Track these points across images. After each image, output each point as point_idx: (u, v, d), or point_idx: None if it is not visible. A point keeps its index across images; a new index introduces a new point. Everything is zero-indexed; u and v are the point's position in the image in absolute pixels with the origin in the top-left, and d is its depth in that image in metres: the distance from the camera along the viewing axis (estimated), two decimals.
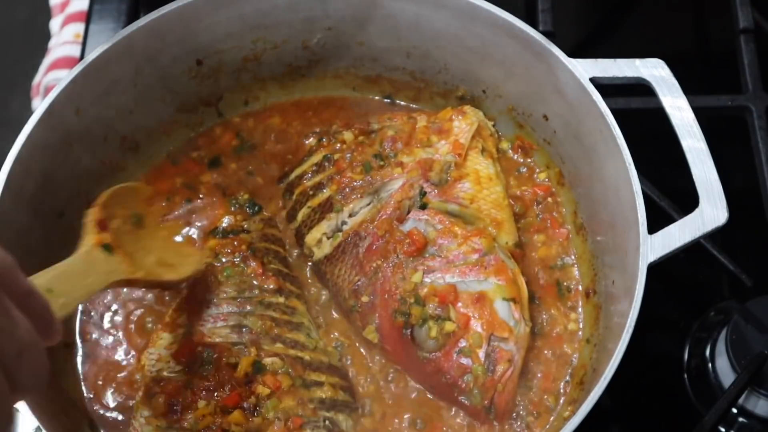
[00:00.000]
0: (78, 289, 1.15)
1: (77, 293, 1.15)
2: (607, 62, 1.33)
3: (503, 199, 1.43)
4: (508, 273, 1.32)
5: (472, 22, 1.40)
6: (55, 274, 1.13)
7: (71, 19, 1.96)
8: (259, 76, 1.54)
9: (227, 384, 1.25)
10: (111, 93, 1.40)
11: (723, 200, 1.24)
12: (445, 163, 1.42)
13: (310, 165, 1.47)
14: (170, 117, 1.51)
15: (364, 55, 1.54)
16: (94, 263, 1.20)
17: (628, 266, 1.23)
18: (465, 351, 1.28)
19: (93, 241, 1.22)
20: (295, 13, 1.46)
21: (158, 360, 1.29)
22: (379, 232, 1.37)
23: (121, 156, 1.47)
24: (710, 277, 1.54)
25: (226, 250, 1.40)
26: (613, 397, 1.20)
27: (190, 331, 1.31)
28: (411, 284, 1.32)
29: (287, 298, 1.37)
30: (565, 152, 1.43)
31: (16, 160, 1.26)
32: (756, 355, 1.33)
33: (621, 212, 1.27)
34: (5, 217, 1.25)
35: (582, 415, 1.11)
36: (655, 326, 1.45)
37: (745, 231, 1.48)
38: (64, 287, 1.12)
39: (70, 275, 1.15)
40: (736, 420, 1.38)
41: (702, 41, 1.87)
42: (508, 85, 1.47)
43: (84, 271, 1.18)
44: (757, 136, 1.56)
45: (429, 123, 1.48)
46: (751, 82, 1.62)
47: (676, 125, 1.29)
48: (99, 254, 1.22)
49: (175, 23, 1.39)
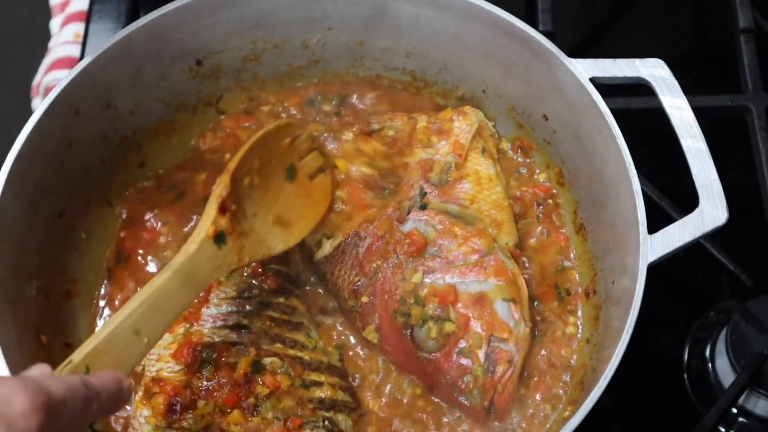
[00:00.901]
0: (165, 318, 1.11)
1: (164, 323, 1.11)
2: (607, 62, 1.33)
3: (503, 200, 1.43)
4: (508, 273, 1.32)
5: (472, 22, 1.40)
6: (145, 308, 1.09)
7: (71, 19, 1.96)
8: (259, 76, 1.54)
9: (226, 384, 1.25)
10: (111, 93, 1.40)
11: (723, 200, 1.24)
12: (445, 163, 1.42)
13: None
14: (170, 117, 1.51)
15: (364, 55, 1.54)
16: (194, 271, 1.16)
17: (628, 266, 1.23)
18: (465, 351, 1.28)
19: (209, 231, 1.19)
20: (295, 13, 1.46)
21: (158, 360, 1.29)
22: (379, 233, 1.37)
23: (122, 156, 1.47)
24: (710, 277, 1.54)
25: None
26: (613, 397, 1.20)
27: (189, 331, 1.31)
28: (411, 285, 1.32)
29: (287, 298, 1.37)
30: (565, 152, 1.43)
31: (16, 160, 1.26)
32: (756, 355, 1.33)
33: (621, 212, 1.27)
34: (5, 217, 1.25)
35: (582, 415, 1.11)
36: (655, 326, 1.45)
37: (745, 231, 1.48)
38: (151, 322, 1.10)
39: (158, 304, 1.11)
40: (736, 420, 1.38)
41: (702, 41, 1.87)
42: (508, 85, 1.47)
43: (178, 287, 1.14)
44: (757, 136, 1.56)
45: (429, 123, 1.48)
46: (751, 82, 1.62)
47: (676, 125, 1.29)
48: (208, 250, 1.18)
49: (175, 23, 1.39)
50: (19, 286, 1.27)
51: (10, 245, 1.27)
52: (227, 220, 1.22)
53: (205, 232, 1.20)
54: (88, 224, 1.44)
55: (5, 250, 1.25)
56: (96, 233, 1.45)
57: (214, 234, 1.21)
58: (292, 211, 1.33)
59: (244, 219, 1.24)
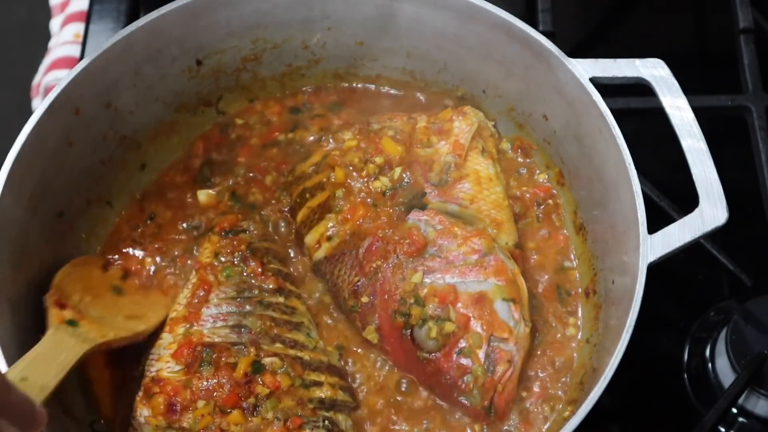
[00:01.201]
0: (52, 370, 1.19)
1: (53, 373, 1.18)
2: (607, 62, 1.33)
3: (503, 200, 1.43)
4: (507, 273, 1.32)
5: (472, 22, 1.40)
6: (27, 363, 1.17)
7: (71, 19, 1.96)
8: (259, 76, 1.54)
9: (226, 384, 1.25)
10: (111, 93, 1.40)
11: (723, 200, 1.24)
12: (445, 163, 1.42)
13: (309, 165, 1.47)
14: (170, 117, 1.51)
15: (364, 55, 1.54)
16: (62, 340, 1.23)
17: (628, 266, 1.23)
18: (465, 351, 1.28)
19: (56, 320, 1.26)
20: (295, 13, 1.46)
21: (158, 360, 1.29)
22: (379, 233, 1.37)
23: (122, 156, 1.47)
24: (710, 277, 1.54)
25: (226, 250, 1.40)
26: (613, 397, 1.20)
27: (189, 331, 1.31)
28: (411, 285, 1.32)
29: (287, 298, 1.37)
30: (565, 152, 1.43)
31: (16, 160, 1.26)
32: (756, 355, 1.33)
33: (621, 212, 1.27)
34: (5, 217, 1.25)
35: (582, 415, 1.11)
36: (655, 326, 1.45)
37: (745, 231, 1.48)
38: (38, 372, 1.16)
39: (42, 360, 1.19)
40: (736, 420, 1.38)
41: (702, 41, 1.87)
42: (508, 85, 1.47)
43: (54, 350, 1.22)
44: (757, 136, 1.56)
45: (429, 123, 1.48)
46: (751, 82, 1.62)
47: (676, 125, 1.29)
48: (65, 330, 1.25)
49: (175, 23, 1.39)
50: (19, 286, 1.27)
51: (10, 245, 1.27)
52: (71, 312, 1.28)
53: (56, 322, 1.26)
54: (88, 224, 1.44)
55: (5, 250, 1.26)
56: (96, 233, 1.45)
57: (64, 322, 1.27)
58: (138, 309, 1.37)
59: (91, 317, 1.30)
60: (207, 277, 1.36)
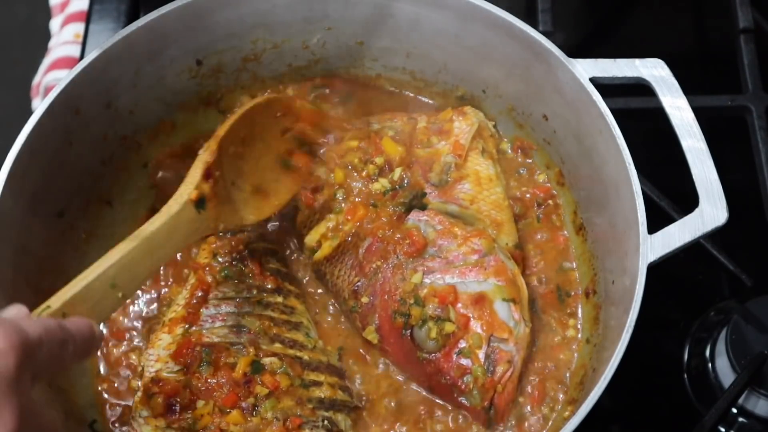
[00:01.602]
0: (141, 274, 1.14)
1: (139, 279, 1.14)
2: (607, 62, 1.33)
3: (503, 200, 1.43)
4: (507, 274, 1.32)
5: (472, 22, 1.40)
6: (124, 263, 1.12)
7: (71, 19, 1.96)
8: (259, 76, 1.54)
9: (226, 384, 1.25)
10: (111, 93, 1.40)
11: (723, 200, 1.24)
12: (445, 163, 1.42)
13: None
14: (170, 117, 1.51)
15: (364, 55, 1.54)
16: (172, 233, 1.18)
17: (628, 266, 1.23)
18: (465, 352, 1.28)
19: (192, 195, 1.21)
20: (295, 13, 1.46)
21: (157, 360, 1.29)
22: (379, 233, 1.37)
23: (122, 156, 1.47)
24: (710, 277, 1.54)
25: (224, 250, 1.40)
26: (613, 397, 1.20)
27: (188, 331, 1.31)
28: (411, 285, 1.32)
29: (286, 298, 1.37)
30: (565, 152, 1.43)
31: (16, 160, 1.26)
32: (756, 355, 1.33)
33: (621, 212, 1.27)
34: (5, 217, 1.25)
35: (582, 415, 1.11)
36: (655, 326, 1.44)
37: (745, 231, 1.48)
38: (128, 276, 1.12)
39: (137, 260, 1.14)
40: (736, 420, 1.38)
41: (702, 41, 1.87)
42: (508, 85, 1.47)
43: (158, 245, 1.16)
44: (757, 136, 1.56)
45: (429, 123, 1.48)
46: (751, 82, 1.62)
47: (676, 125, 1.29)
48: (188, 214, 1.20)
49: (175, 23, 1.39)
50: (19, 286, 1.27)
51: (10, 245, 1.27)
52: (210, 186, 1.24)
53: (188, 195, 1.22)
54: (88, 224, 1.44)
55: (5, 250, 1.26)
56: (96, 233, 1.45)
57: (197, 198, 1.23)
58: (267, 184, 1.35)
59: (224, 186, 1.27)
60: (205, 278, 1.36)
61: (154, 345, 1.32)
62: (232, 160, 1.28)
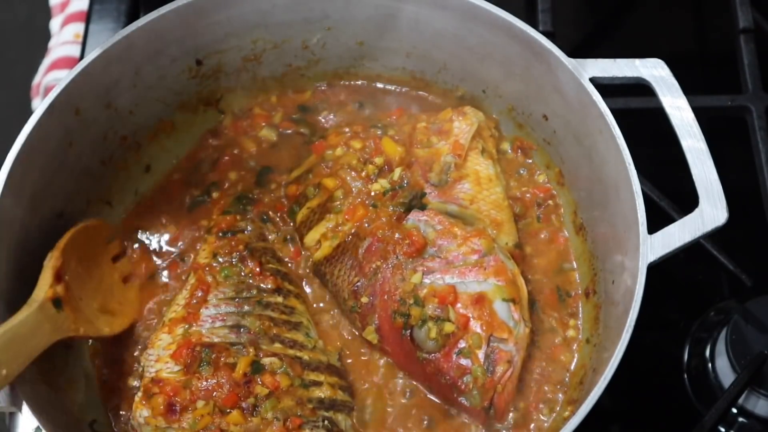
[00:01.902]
0: (21, 355, 1.16)
1: (20, 359, 1.16)
2: (607, 62, 1.33)
3: (503, 200, 1.43)
4: (507, 274, 1.32)
5: (472, 22, 1.40)
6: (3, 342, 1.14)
7: (71, 19, 1.96)
8: (259, 76, 1.55)
9: (226, 384, 1.25)
10: (111, 93, 1.40)
11: (723, 200, 1.24)
12: (445, 163, 1.42)
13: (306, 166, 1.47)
14: (170, 117, 1.51)
15: (364, 55, 1.54)
16: (41, 323, 1.21)
17: (628, 266, 1.23)
18: (464, 352, 1.28)
19: (47, 294, 1.24)
20: (295, 13, 1.46)
21: (157, 360, 1.29)
22: (378, 233, 1.37)
23: (122, 156, 1.47)
24: (710, 277, 1.54)
25: (224, 250, 1.40)
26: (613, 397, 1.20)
27: (188, 331, 1.31)
28: (410, 285, 1.32)
29: (285, 298, 1.37)
30: (565, 152, 1.43)
31: (16, 160, 1.26)
32: (756, 355, 1.33)
33: (621, 212, 1.27)
34: (5, 217, 1.25)
35: (582, 415, 1.11)
36: (655, 326, 1.45)
37: (745, 231, 1.48)
38: (8, 355, 1.14)
39: (15, 340, 1.16)
40: (736, 420, 1.38)
41: (702, 41, 1.87)
42: (508, 85, 1.47)
43: (30, 332, 1.19)
44: (757, 136, 1.56)
45: (429, 123, 1.48)
46: (751, 82, 1.62)
47: (676, 125, 1.29)
48: (48, 310, 1.23)
49: (175, 23, 1.39)
50: (19, 287, 1.27)
51: (10, 245, 1.27)
52: (62, 289, 1.27)
53: (44, 294, 1.24)
54: None
55: (5, 250, 1.25)
56: None
57: (53, 297, 1.25)
58: (112, 305, 1.37)
59: (74, 298, 1.29)
60: (205, 278, 1.37)
61: (154, 345, 1.32)
62: (75, 276, 1.31)
